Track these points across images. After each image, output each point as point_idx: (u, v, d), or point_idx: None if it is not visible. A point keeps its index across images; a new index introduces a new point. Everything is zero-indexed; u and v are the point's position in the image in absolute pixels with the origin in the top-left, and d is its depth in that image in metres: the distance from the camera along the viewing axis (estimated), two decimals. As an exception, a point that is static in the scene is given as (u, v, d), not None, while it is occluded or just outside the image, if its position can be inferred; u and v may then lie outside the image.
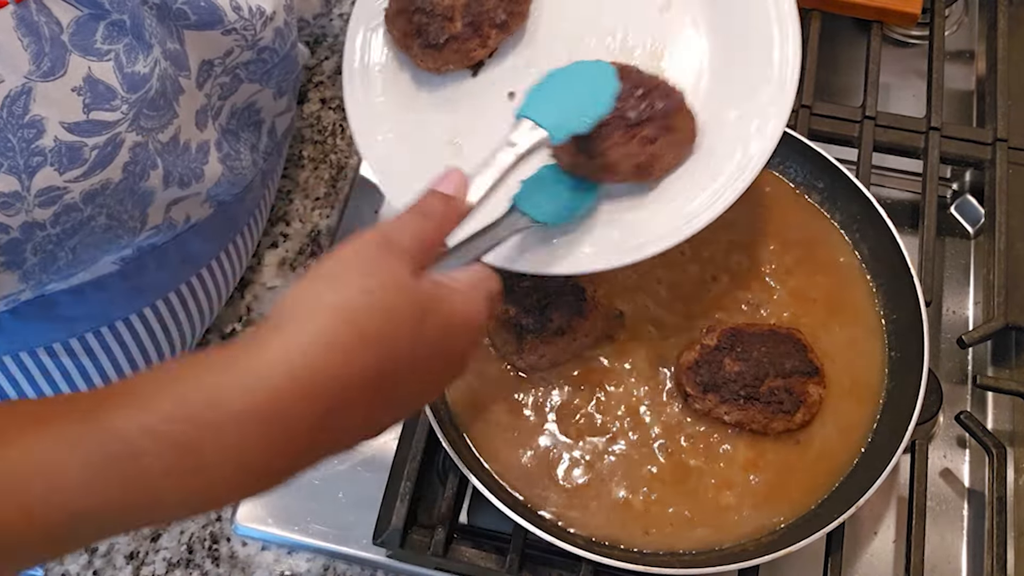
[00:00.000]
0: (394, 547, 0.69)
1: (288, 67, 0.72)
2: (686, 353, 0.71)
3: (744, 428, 0.69)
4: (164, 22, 0.60)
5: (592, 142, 0.62)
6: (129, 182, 0.59)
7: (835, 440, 0.70)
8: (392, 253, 0.46)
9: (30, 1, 0.52)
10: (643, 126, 0.62)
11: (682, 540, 0.67)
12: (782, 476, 0.69)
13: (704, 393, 0.69)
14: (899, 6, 0.90)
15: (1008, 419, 0.78)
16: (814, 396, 0.69)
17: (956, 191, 0.91)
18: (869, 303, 0.75)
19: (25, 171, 0.54)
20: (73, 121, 0.55)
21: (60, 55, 0.54)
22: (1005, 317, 0.76)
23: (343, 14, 0.98)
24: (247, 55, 0.67)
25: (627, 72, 0.64)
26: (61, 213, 0.57)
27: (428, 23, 0.67)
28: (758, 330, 0.71)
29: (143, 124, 0.59)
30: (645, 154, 0.63)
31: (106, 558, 0.74)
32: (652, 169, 0.64)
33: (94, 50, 0.55)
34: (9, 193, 0.53)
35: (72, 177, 0.56)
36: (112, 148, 0.57)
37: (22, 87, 0.52)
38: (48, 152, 0.54)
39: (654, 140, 0.63)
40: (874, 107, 0.85)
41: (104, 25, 0.56)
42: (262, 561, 0.74)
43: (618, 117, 0.62)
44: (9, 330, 0.65)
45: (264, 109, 0.74)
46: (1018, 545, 0.71)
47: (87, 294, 0.66)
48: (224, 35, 0.64)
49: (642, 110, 0.62)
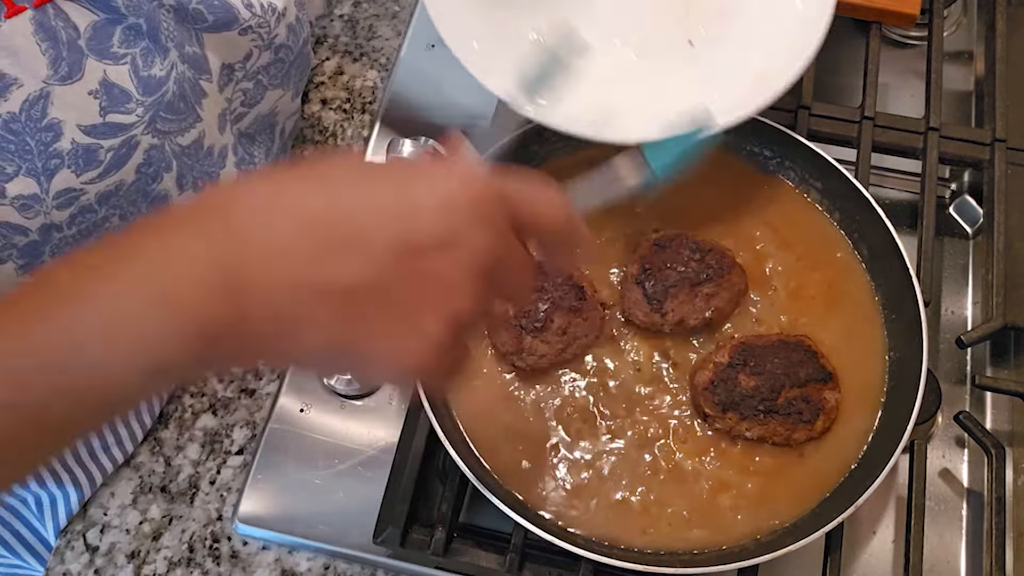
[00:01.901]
0: (394, 547, 0.69)
1: (303, 65, 0.73)
2: (700, 373, 0.71)
3: (767, 442, 0.69)
4: (183, 24, 0.60)
5: (664, 303, 0.71)
6: (141, 183, 0.60)
7: (834, 440, 0.70)
8: None
9: (48, 7, 0.53)
10: (703, 285, 0.72)
11: (680, 540, 0.67)
12: (780, 477, 0.69)
13: (723, 412, 0.69)
14: (898, 7, 0.90)
15: (1007, 419, 0.78)
16: (831, 402, 0.70)
17: (955, 191, 0.91)
18: (869, 303, 0.75)
19: (44, 173, 0.54)
20: (90, 124, 0.55)
21: (77, 59, 0.54)
22: (1004, 317, 0.76)
23: (343, 15, 0.98)
24: (266, 56, 0.67)
25: (684, 238, 0.73)
26: (77, 214, 0.57)
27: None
28: (768, 341, 0.71)
29: (160, 127, 0.60)
30: (709, 308, 0.72)
31: (107, 557, 0.74)
32: (718, 322, 0.73)
33: (110, 54, 0.56)
34: (29, 196, 0.54)
35: (88, 179, 0.56)
36: (127, 150, 0.58)
37: (40, 91, 0.53)
38: (65, 154, 0.55)
39: (714, 295, 0.72)
40: (873, 107, 0.86)
41: (121, 29, 0.56)
42: (263, 560, 0.74)
43: (683, 279, 0.72)
44: None
45: (281, 112, 0.75)
46: (1017, 545, 0.71)
47: None
48: (241, 35, 0.65)
49: (702, 270, 0.72)
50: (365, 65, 0.96)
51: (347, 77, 0.95)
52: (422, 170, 0.44)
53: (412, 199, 0.42)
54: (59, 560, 0.74)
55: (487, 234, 0.43)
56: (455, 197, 0.43)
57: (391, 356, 0.43)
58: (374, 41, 0.97)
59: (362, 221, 0.41)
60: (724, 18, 0.77)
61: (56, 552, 0.74)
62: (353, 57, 0.96)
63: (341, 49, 0.97)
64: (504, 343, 0.72)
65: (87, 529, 0.75)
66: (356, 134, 0.92)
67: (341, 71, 0.95)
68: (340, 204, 0.42)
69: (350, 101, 0.94)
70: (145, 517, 0.75)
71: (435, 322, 0.43)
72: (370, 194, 0.42)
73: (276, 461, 0.76)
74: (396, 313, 0.42)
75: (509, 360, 0.72)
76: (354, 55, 0.96)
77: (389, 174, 0.44)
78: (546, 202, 0.46)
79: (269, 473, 0.75)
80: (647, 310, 0.72)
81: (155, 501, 0.76)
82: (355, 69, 0.96)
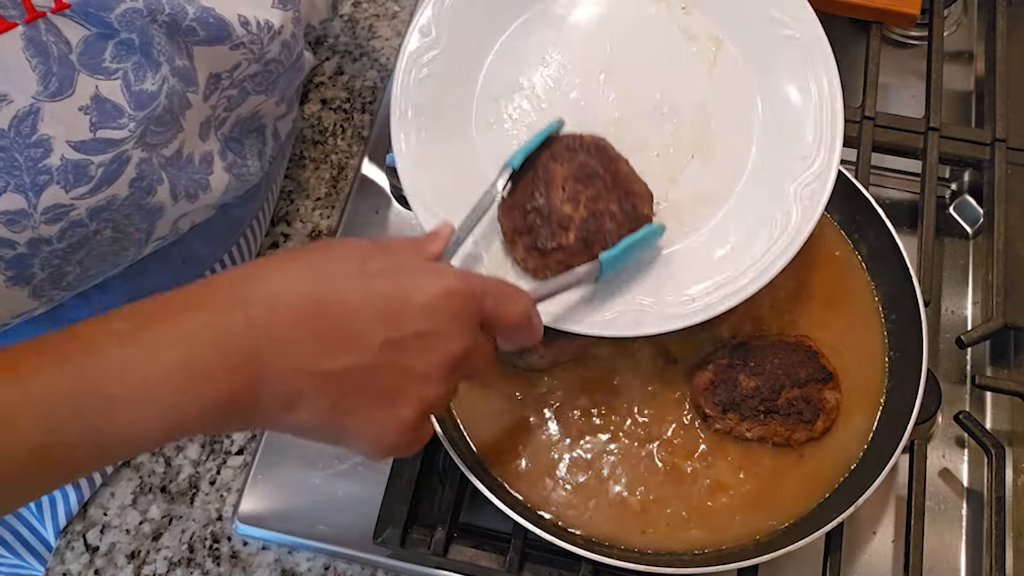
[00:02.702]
0: (394, 547, 0.69)
1: (293, 76, 0.72)
2: (700, 374, 0.71)
3: (767, 442, 0.69)
4: (173, 39, 0.60)
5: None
6: (135, 197, 0.60)
7: (834, 441, 0.70)
8: None
9: (39, 22, 0.52)
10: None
11: (678, 541, 0.67)
12: (779, 478, 0.69)
13: (724, 413, 0.69)
14: (898, 7, 0.90)
15: (1007, 419, 0.78)
16: (831, 402, 0.70)
17: (955, 191, 0.91)
18: (868, 302, 0.75)
19: (32, 189, 0.54)
20: (80, 140, 0.55)
21: (68, 75, 0.54)
22: (1004, 317, 0.76)
23: (343, 15, 0.98)
24: (254, 68, 0.67)
25: None
26: (67, 229, 0.57)
27: (541, 226, 0.65)
28: (767, 342, 0.71)
29: (149, 140, 0.59)
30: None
31: (107, 557, 0.74)
32: (717, 323, 0.71)
33: (102, 69, 0.56)
34: (16, 211, 0.54)
35: (78, 194, 0.56)
36: (118, 165, 0.57)
37: (30, 107, 0.52)
38: (55, 170, 0.54)
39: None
40: (873, 107, 0.86)
41: (113, 44, 0.56)
42: (263, 560, 0.74)
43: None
44: (16, 335, 0.65)
45: (266, 115, 0.75)
46: (1016, 545, 0.71)
47: (91, 296, 0.66)
48: (232, 50, 0.64)
49: None
50: (365, 65, 0.96)
51: (347, 77, 0.95)
52: (414, 269, 0.52)
53: (402, 301, 0.50)
54: (59, 560, 0.74)
55: (461, 334, 0.51)
56: (438, 301, 0.50)
57: (370, 436, 0.51)
58: (374, 41, 0.97)
59: (359, 318, 0.49)
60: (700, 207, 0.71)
61: (56, 552, 0.74)
62: (353, 57, 0.96)
63: (341, 49, 0.97)
64: None
65: (87, 529, 0.75)
66: (356, 134, 0.92)
67: (341, 71, 0.95)
68: (342, 300, 0.49)
69: (350, 101, 0.94)
70: (145, 517, 0.75)
71: (410, 410, 0.51)
72: (367, 294, 0.49)
73: (276, 461, 0.76)
74: (378, 398, 0.50)
75: (509, 360, 0.72)
76: (354, 55, 0.96)
77: (384, 272, 0.51)
78: (511, 305, 0.55)
79: (269, 473, 0.75)
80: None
81: (155, 501, 0.76)
82: (355, 69, 0.96)
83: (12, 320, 0.60)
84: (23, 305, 0.59)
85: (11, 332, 0.65)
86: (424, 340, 0.50)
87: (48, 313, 0.65)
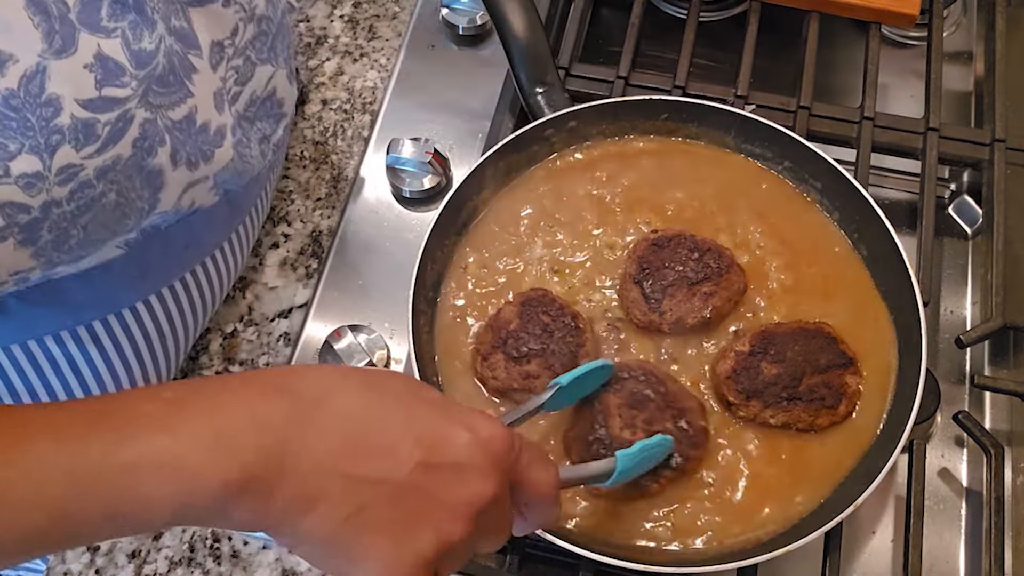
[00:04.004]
0: (394, 546, 0.69)
1: (285, 36, 0.74)
2: (722, 362, 0.71)
3: (791, 428, 0.70)
4: None
5: (661, 302, 0.72)
6: (137, 158, 0.60)
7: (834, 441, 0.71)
8: None
9: None
10: (702, 284, 0.72)
11: (680, 539, 0.67)
12: (781, 476, 0.69)
13: (747, 400, 0.69)
14: (897, 7, 0.91)
15: (1006, 419, 0.79)
16: (853, 386, 0.70)
17: (954, 191, 0.91)
18: (868, 302, 0.75)
19: (46, 150, 0.54)
20: (87, 98, 0.56)
21: (70, 33, 0.54)
22: (1003, 317, 0.77)
23: (343, 15, 0.98)
24: (251, 30, 0.69)
25: (682, 237, 0.74)
26: (76, 190, 0.57)
27: (605, 454, 0.65)
28: (787, 329, 0.71)
29: (152, 100, 0.60)
30: (708, 308, 0.72)
31: (108, 556, 0.74)
32: (717, 321, 0.73)
33: (101, 27, 0.56)
34: (32, 173, 0.54)
35: (87, 153, 0.57)
36: (123, 124, 0.58)
37: (36, 65, 0.53)
38: (66, 130, 0.55)
39: (713, 295, 0.72)
40: (872, 108, 0.86)
41: (108, 3, 0.56)
42: (263, 560, 0.74)
43: (681, 278, 0.72)
44: (18, 316, 0.66)
45: (286, 101, 0.75)
46: (1016, 544, 0.71)
47: (94, 278, 0.67)
48: (224, 7, 0.66)
49: (700, 270, 0.72)
50: (365, 65, 0.96)
51: (347, 77, 0.95)
52: (464, 409, 0.53)
53: (445, 431, 0.50)
54: (59, 560, 0.74)
55: (495, 479, 0.51)
56: (481, 440, 0.50)
57: (380, 567, 0.49)
58: (374, 41, 0.97)
59: (399, 435, 0.49)
60: None
61: (56, 552, 0.74)
62: (353, 57, 0.96)
63: (341, 49, 0.97)
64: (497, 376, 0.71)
65: (88, 529, 0.75)
66: (356, 134, 0.92)
67: (341, 71, 0.96)
68: (387, 415, 0.50)
69: (350, 101, 0.94)
70: (146, 517, 0.75)
71: (429, 540, 0.49)
72: (413, 414, 0.50)
73: (276, 461, 0.76)
74: (398, 519, 0.48)
75: None
76: (354, 55, 0.97)
77: (435, 402, 0.52)
78: (543, 470, 0.54)
79: (269, 473, 0.75)
80: (645, 309, 0.73)
81: (156, 501, 0.76)
82: (355, 69, 0.96)
83: (8, 278, 0.60)
84: (22, 263, 0.59)
85: (8, 325, 0.65)
86: (459, 473, 0.49)
87: (49, 296, 0.65)
